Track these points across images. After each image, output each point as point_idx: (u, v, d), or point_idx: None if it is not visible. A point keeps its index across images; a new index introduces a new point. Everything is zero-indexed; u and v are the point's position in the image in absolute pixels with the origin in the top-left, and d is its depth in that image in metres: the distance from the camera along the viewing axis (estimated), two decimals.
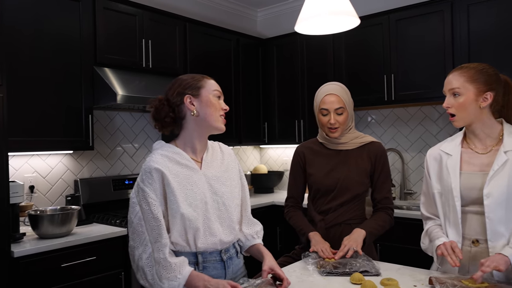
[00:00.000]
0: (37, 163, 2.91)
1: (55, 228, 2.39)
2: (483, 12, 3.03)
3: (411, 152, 3.74)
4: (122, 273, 2.62)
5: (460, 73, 1.65)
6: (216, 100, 1.61)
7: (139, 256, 1.48)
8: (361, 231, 1.93)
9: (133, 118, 3.49)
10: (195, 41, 3.58)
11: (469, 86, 1.63)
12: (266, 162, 4.76)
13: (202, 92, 1.59)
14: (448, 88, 1.68)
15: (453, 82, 1.66)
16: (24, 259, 2.21)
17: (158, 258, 1.46)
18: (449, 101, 1.68)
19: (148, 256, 1.47)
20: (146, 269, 1.47)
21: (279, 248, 3.74)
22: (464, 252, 1.66)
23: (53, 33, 2.69)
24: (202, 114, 1.59)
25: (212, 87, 1.62)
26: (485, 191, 1.60)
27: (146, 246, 1.48)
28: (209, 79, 1.64)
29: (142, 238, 1.48)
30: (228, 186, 1.66)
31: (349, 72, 3.69)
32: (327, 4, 1.73)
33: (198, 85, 1.60)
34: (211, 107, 1.59)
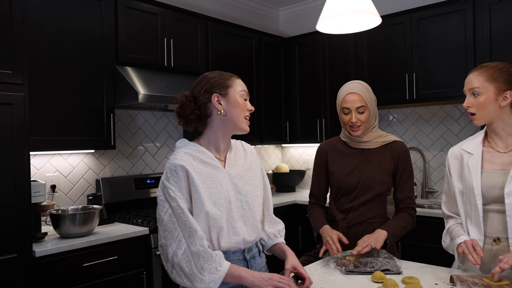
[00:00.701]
0: (59, 162, 2.95)
1: (77, 227, 2.41)
2: (505, 11, 3.00)
3: (432, 151, 3.70)
4: (144, 272, 2.63)
5: (480, 73, 1.66)
6: (242, 100, 1.60)
7: (174, 253, 1.44)
8: (382, 232, 1.92)
9: (154, 117, 3.52)
10: (216, 40, 3.59)
11: (488, 85, 1.64)
12: (288, 161, 4.75)
13: (230, 92, 1.58)
14: (468, 88, 1.69)
15: (473, 82, 1.67)
16: (46, 258, 2.22)
17: (197, 251, 1.43)
18: (469, 100, 1.69)
19: (184, 252, 1.44)
20: (183, 264, 1.43)
21: (300, 247, 3.73)
22: (485, 250, 1.66)
23: (75, 31, 2.71)
24: (229, 114, 1.57)
25: (240, 87, 1.61)
26: (506, 190, 1.61)
27: (180, 241, 1.44)
28: (237, 79, 1.63)
29: (175, 235, 1.45)
30: (251, 185, 1.65)
31: (370, 70, 3.68)
32: (349, 3, 1.73)
33: (226, 84, 1.58)
34: (238, 107, 1.58)
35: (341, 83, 2.18)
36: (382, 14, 3.33)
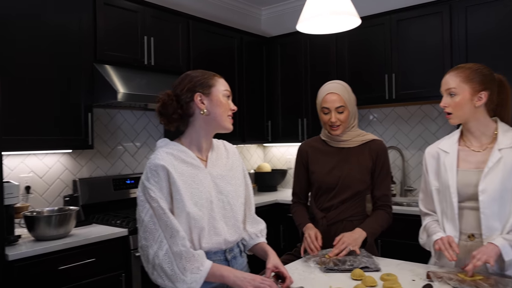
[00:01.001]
0: (34, 162, 2.87)
1: (52, 229, 2.35)
2: (481, 14, 3.07)
3: (411, 149, 3.75)
4: (122, 274, 2.59)
5: (456, 74, 1.70)
6: (225, 100, 1.59)
7: (155, 254, 1.43)
8: (362, 232, 1.94)
9: (134, 116, 3.47)
10: (198, 38, 3.57)
11: (464, 86, 1.68)
12: (270, 161, 4.75)
13: (213, 91, 1.57)
14: (445, 88, 1.73)
15: (449, 82, 1.71)
16: (19, 262, 2.16)
17: (179, 251, 1.42)
18: (445, 100, 1.73)
19: (166, 252, 1.42)
20: (165, 265, 1.41)
21: (282, 246, 3.74)
22: (461, 246, 1.70)
23: (51, 27, 2.64)
24: (212, 113, 1.56)
25: (223, 86, 1.60)
26: (480, 188, 1.65)
27: (162, 242, 1.43)
28: (219, 78, 1.62)
29: (156, 236, 1.43)
30: (233, 185, 1.65)
31: (351, 71, 3.71)
32: (329, 4, 1.75)
33: (209, 84, 1.57)
34: (221, 107, 1.57)
35: (323, 83, 2.19)
36: (363, 15, 3.35)
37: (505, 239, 1.57)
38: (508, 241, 1.57)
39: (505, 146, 1.66)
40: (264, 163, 4.53)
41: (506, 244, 1.55)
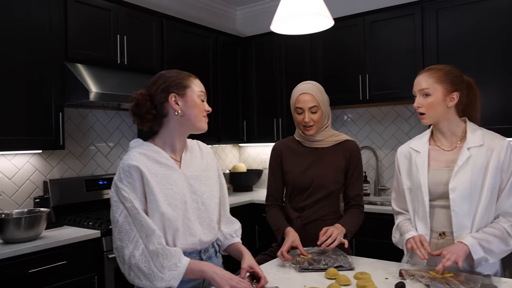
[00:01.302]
0: (2, 163, 2.79)
1: (22, 232, 2.29)
2: (452, 17, 3.14)
3: (384, 149, 3.82)
4: (95, 277, 2.54)
5: (429, 74, 1.73)
6: (200, 101, 1.58)
7: (131, 254, 1.41)
8: (343, 228, 1.94)
9: (107, 116, 3.41)
10: (172, 38, 3.54)
11: (438, 86, 1.71)
12: (245, 161, 4.75)
13: (188, 92, 1.55)
14: (419, 89, 1.75)
15: (423, 83, 1.74)
16: None
17: (155, 250, 1.41)
18: (419, 101, 1.76)
19: (142, 252, 1.41)
20: (141, 265, 1.40)
21: (257, 246, 3.74)
22: (432, 244, 1.73)
23: (19, 24, 2.56)
24: (187, 114, 1.55)
25: (198, 88, 1.59)
26: (451, 186, 1.69)
27: (137, 242, 1.42)
28: (195, 79, 1.60)
29: (131, 236, 1.42)
30: (207, 185, 1.64)
31: (326, 71, 3.75)
32: (302, 5, 1.76)
33: (184, 84, 1.56)
34: (196, 108, 1.56)
35: (298, 83, 2.20)
36: (336, 17, 3.39)
37: (474, 237, 1.61)
38: (477, 239, 1.60)
39: (473, 145, 1.70)
40: (239, 163, 4.53)
41: (475, 242, 1.59)
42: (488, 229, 1.65)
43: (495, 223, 1.67)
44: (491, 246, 1.61)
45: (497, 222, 1.66)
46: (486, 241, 1.61)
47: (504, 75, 2.93)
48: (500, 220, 1.66)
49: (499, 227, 1.64)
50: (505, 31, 2.93)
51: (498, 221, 1.66)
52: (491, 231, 1.64)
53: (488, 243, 1.61)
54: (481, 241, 1.60)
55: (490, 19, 2.99)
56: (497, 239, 1.62)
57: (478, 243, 1.59)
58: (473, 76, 1.84)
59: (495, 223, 1.66)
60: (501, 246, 1.63)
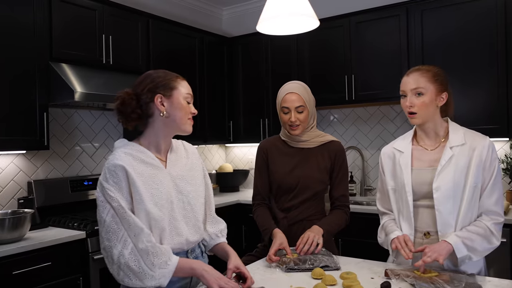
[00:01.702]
0: None
1: (6, 233, 2.27)
2: (436, 18, 3.18)
3: (370, 149, 3.84)
4: (80, 278, 2.52)
5: (421, 74, 1.72)
6: (186, 103, 1.57)
7: (120, 254, 1.40)
8: (320, 228, 1.96)
9: (92, 116, 3.38)
10: (158, 38, 3.52)
11: (431, 86, 1.70)
12: (232, 161, 4.74)
13: (174, 94, 1.54)
14: (411, 88, 1.72)
15: (415, 82, 1.71)
16: None
17: (145, 248, 1.40)
18: (412, 100, 1.73)
19: (131, 251, 1.40)
20: (131, 264, 1.39)
21: (244, 246, 3.74)
22: (416, 244, 1.74)
23: (2, 24, 2.53)
24: (172, 116, 1.54)
25: (185, 90, 1.58)
26: (434, 185, 1.70)
27: (126, 241, 1.41)
28: (182, 80, 1.59)
29: (119, 235, 1.41)
30: (193, 185, 1.64)
31: (312, 71, 3.76)
32: (287, 6, 1.76)
33: (171, 86, 1.54)
34: (181, 110, 1.55)
35: (284, 83, 2.20)
36: (322, 17, 3.43)
37: (458, 236, 1.62)
38: (461, 238, 1.62)
39: (456, 144, 1.72)
40: (226, 163, 4.53)
41: (459, 241, 1.61)
42: (471, 227, 1.66)
43: (478, 221, 1.68)
44: (475, 244, 1.63)
45: (480, 221, 1.68)
46: (469, 240, 1.62)
47: (488, 77, 2.98)
48: (483, 219, 1.68)
49: (482, 226, 1.66)
50: (488, 33, 2.98)
51: (481, 220, 1.68)
52: (475, 229, 1.65)
53: (471, 241, 1.62)
54: (464, 239, 1.62)
55: (474, 20, 3.03)
56: (480, 238, 1.64)
57: (462, 242, 1.61)
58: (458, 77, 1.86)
59: (478, 222, 1.68)
60: (484, 244, 1.65)
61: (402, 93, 1.76)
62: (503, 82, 2.93)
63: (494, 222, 1.67)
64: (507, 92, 2.92)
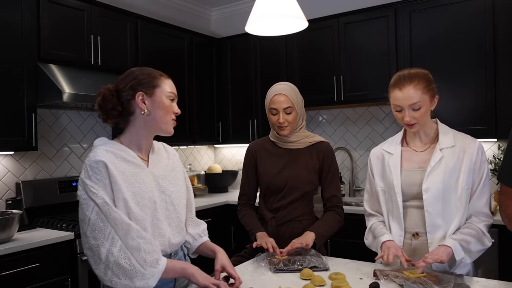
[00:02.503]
0: None
1: None
2: (425, 19, 3.19)
3: (359, 150, 3.86)
4: (69, 279, 2.51)
5: (415, 86, 1.68)
6: (169, 102, 1.53)
7: (109, 252, 1.34)
8: (310, 233, 1.96)
9: (81, 117, 3.37)
10: (147, 38, 3.51)
11: (425, 96, 1.69)
12: (220, 162, 4.74)
13: (157, 92, 1.51)
14: (409, 104, 1.68)
15: (412, 98, 1.67)
16: None
17: (136, 245, 1.37)
18: (411, 115, 1.69)
19: (120, 248, 1.35)
20: (121, 261, 1.34)
21: (233, 247, 3.74)
22: (406, 245, 1.76)
23: None
24: (153, 114, 1.51)
25: (168, 88, 1.54)
26: (424, 186, 1.71)
27: (114, 238, 1.35)
28: (166, 79, 1.56)
29: (106, 233, 1.35)
30: (175, 185, 1.62)
31: (301, 72, 3.77)
32: (276, 6, 1.77)
33: (154, 84, 1.51)
34: (163, 109, 1.51)
35: (272, 84, 2.21)
36: (311, 18, 3.44)
37: (454, 239, 1.64)
38: (458, 240, 1.63)
39: (445, 146, 1.73)
40: (214, 164, 4.53)
41: (456, 243, 1.62)
42: (464, 230, 1.68)
43: (469, 223, 1.70)
44: (470, 246, 1.65)
45: (471, 223, 1.70)
46: (465, 242, 1.64)
47: (476, 78, 3.00)
48: (474, 220, 1.70)
49: (474, 228, 1.68)
50: (476, 34, 3.00)
51: (472, 222, 1.70)
52: (468, 231, 1.67)
53: (467, 243, 1.64)
54: (461, 241, 1.63)
55: (462, 22, 3.05)
56: (474, 239, 1.66)
57: (459, 244, 1.62)
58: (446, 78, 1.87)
59: (469, 224, 1.70)
60: (478, 246, 1.67)
61: (398, 108, 1.72)
62: (491, 83, 2.96)
63: (485, 224, 1.70)
64: (495, 94, 2.95)
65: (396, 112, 1.75)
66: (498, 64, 2.94)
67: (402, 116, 1.72)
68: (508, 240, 2.57)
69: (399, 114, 1.74)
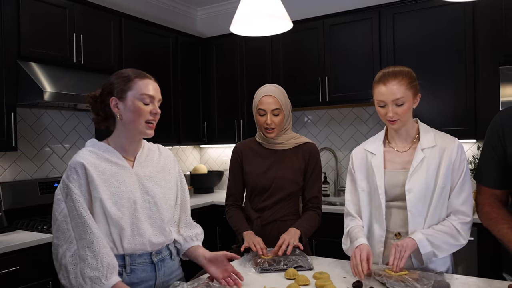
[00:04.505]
0: None
1: None
2: (408, 22, 3.24)
3: (344, 150, 3.89)
4: (49, 282, 2.46)
5: (399, 82, 1.69)
6: (142, 104, 1.52)
7: (63, 254, 1.41)
8: (297, 230, 1.97)
9: (63, 116, 3.31)
10: (131, 37, 3.47)
11: (408, 92, 1.70)
12: (206, 162, 4.72)
13: (129, 96, 1.51)
14: (392, 99, 1.68)
15: (396, 93, 1.67)
16: None
17: (84, 256, 1.39)
18: (395, 110, 1.70)
19: (73, 254, 1.40)
20: (70, 267, 1.39)
21: (218, 248, 3.72)
22: (388, 244, 1.77)
23: None
24: (125, 118, 1.52)
25: (141, 90, 1.52)
26: (407, 187, 1.72)
27: (71, 243, 1.41)
28: (140, 80, 1.53)
29: (67, 236, 1.42)
30: (162, 186, 1.62)
31: (286, 73, 3.78)
32: (261, 7, 1.77)
33: (125, 88, 1.52)
34: (134, 112, 1.51)
35: (258, 85, 2.21)
36: (297, 19, 3.46)
37: (423, 233, 1.66)
38: (426, 235, 1.66)
39: (427, 146, 1.75)
40: (200, 164, 4.50)
41: (423, 238, 1.64)
42: (437, 226, 1.71)
43: (445, 220, 1.72)
44: (439, 241, 1.66)
45: (447, 220, 1.72)
46: (433, 237, 1.66)
47: (457, 80, 3.06)
48: (450, 218, 1.72)
49: (448, 224, 1.70)
50: (456, 39, 3.06)
51: (448, 219, 1.72)
52: (440, 227, 1.70)
53: (436, 238, 1.66)
54: (429, 236, 1.66)
55: (444, 25, 3.10)
56: (446, 235, 1.68)
57: (426, 239, 1.65)
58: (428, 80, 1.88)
59: (445, 221, 1.72)
60: (450, 242, 1.68)
61: (382, 103, 1.72)
62: (471, 86, 3.02)
63: (461, 222, 1.70)
64: (475, 96, 3.01)
65: (379, 108, 1.76)
66: (478, 69, 3.01)
67: (385, 111, 1.73)
68: (487, 238, 2.60)
69: (382, 110, 1.75)
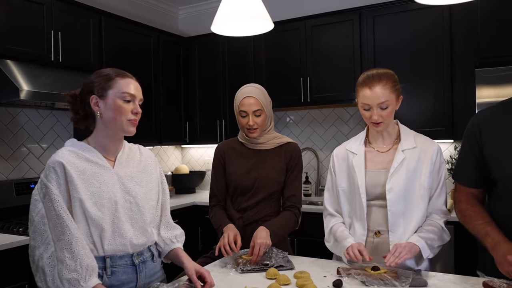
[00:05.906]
0: None
1: None
2: (388, 23, 3.28)
3: (325, 151, 3.91)
4: (26, 285, 2.40)
5: (383, 85, 1.71)
6: (123, 103, 1.51)
7: (40, 256, 1.38)
8: (266, 230, 1.93)
9: (40, 115, 3.24)
10: (111, 35, 3.42)
11: (392, 95, 1.73)
12: (188, 162, 4.69)
13: (109, 94, 1.50)
14: (378, 103, 1.71)
15: (380, 97, 1.70)
16: None
17: (62, 257, 1.36)
18: (379, 113, 1.72)
19: (50, 255, 1.37)
20: (46, 269, 1.36)
21: (200, 248, 3.70)
22: (368, 243, 1.81)
23: None
24: (106, 117, 1.51)
25: (122, 89, 1.51)
26: (387, 187, 1.76)
27: (48, 245, 1.38)
28: (121, 79, 1.53)
29: (44, 237, 1.39)
30: (143, 187, 1.60)
31: (268, 74, 3.78)
32: (242, 7, 1.77)
33: (106, 86, 1.51)
34: (115, 111, 1.50)
35: (241, 84, 2.20)
36: (279, 20, 3.47)
37: (421, 237, 1.70)
38: (424, 239, 1.69)
39: (407, 147, 1.79)
40: (182, 164, 4.47)
41: (423, 242, 1.68)
42: (428, 227, 1.74)
43: (431, 220, 1.77)
44: (434, 243, 1.72)
45: (432, 220, 1.77)
46: (430, 240, 1.71)
47: (435, 83, 3.12)
48: (435, 217, 1.77)
49: (436, 225, 1.75)
50: (434, 44, 3.11)
51: (433, 218, 1.77)
52: (431, 229, 1.73)
53: (432, 241, 1.71)
54: (427, 240, 1.70)
55: (423, 27, 3.15)
56: (437, 236, 1.73)
57: (426, 243, 1.69)
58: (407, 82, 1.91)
59: (431, 221, 1.77)
60: (439, 242, 1.75)
61: (367, 106, 1.74)
62: (448, 88, 3.09)
63: (444, 220, 1.78)
64: (452, 98, 3.08)
65: (364, 111, 1.77)
66: (455, 72, 3.08)
67: (370, 114, 1.75)
68: (463, 236, 2.66)
69: (366, 113, 1.76)
